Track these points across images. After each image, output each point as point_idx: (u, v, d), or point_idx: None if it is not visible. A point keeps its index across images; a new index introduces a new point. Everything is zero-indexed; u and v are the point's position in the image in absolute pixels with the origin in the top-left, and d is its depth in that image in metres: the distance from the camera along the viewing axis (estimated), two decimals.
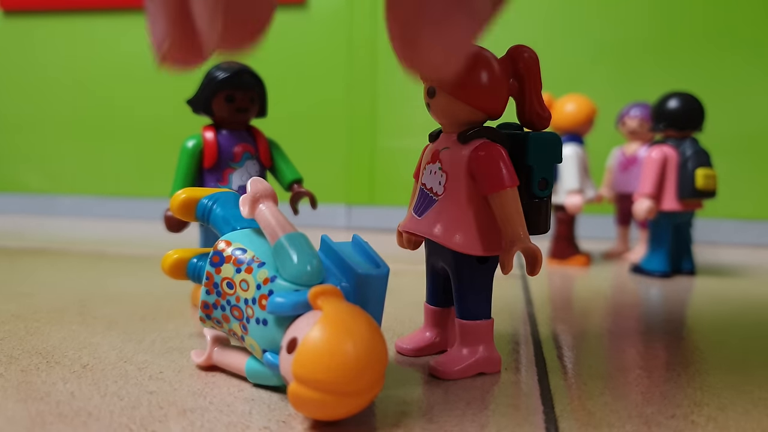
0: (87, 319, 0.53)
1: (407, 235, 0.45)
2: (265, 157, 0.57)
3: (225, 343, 0.41)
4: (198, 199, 0.41)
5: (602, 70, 1.14)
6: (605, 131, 1.04)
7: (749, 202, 1.11)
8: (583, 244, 1.01)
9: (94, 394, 0.36)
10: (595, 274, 0.80)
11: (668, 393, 0.38)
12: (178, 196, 0.41)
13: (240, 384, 0.38)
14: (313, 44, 1.24)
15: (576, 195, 0.80)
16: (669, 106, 0.76)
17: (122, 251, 0.90)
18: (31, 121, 1.37)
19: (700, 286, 0.73)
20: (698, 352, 0.47)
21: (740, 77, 1.09)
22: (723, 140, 1.07)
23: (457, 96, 0.38)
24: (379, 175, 1.24)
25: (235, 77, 0.55)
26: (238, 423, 0.33)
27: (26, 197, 1.39)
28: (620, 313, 0.59)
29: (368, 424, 0.33)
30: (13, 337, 0.47)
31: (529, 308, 0.60)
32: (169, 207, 0.45)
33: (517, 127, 0.42)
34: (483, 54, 0.39)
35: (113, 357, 0.43)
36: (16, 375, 0.39)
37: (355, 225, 1.25)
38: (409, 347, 0.45)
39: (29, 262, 0.81)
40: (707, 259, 0.93)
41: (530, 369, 0.42)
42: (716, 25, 1.09)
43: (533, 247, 0.38)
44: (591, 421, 0.34)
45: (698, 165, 0.74)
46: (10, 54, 1.36)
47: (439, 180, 0.40)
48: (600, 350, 0.47)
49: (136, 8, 1.29)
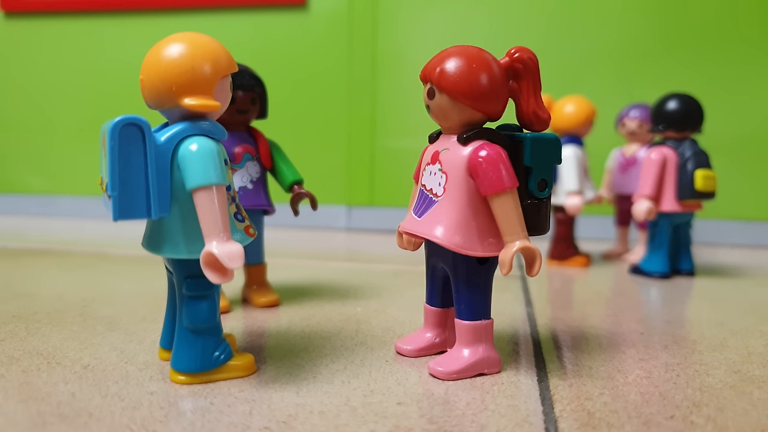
0: (88, 319, 0.53)
1: (407, 236, 0.45)
2: (265, 159, 0.57)
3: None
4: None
5: (601, 71, 1.14)
6: (605, 132, 1.04)
7: (748, 203, 1.11)
8: (582, 245, 1.01)
9: (95, 395, 0.36)
10: (594, 274, 0.80)
11: (667, 393, 0.38)
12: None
13: (240, 384, 0.39)
14: (313, 45, 1.24)
15: (575, 196, 0.81)
16: (668, 107, 0.76)
17: (123, 252, 0.90)
18: (32, 122, 1.37)
19: (700, 286, 0.73)
20: (698, 353, 0.47)
21: (740, 78, 1.09)
22: (722, 141, 1.07)
23: (457, 98, 0.38)
24: (379, 176, 1.24)
25: (235, 78, 0.55)
26: (238, 423, 0.33)
27: (27, 198, 1.39)
28: (620, 314, 0.59)
29: (368, 424, 0.33)
30: (14, 338, 0.47)
31: (528, 309, 0.60)
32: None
33: (516, 128, 0.42)
34: (482, 56, 0.39)
35: (114, 357, 0.43)
36: (17, 376, 0.39)
37: (355, 226, 1.25)
38: (409, 348, 0.45)
39: (30, 262, 0.81)
40: (706, 260, 0.93)
41: (530, 369, 0.42)
42: (716, 25, 1.09)
43: (533, 248, 0.38)
44: (590, 421, 0.34)
45: (697, 166, 0.74)
46: (10, 55, 1.36)
47: (439, 181, 0.40)
48: (599, 351, 0.47)
49: (138, 10, 1.29)
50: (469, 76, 0.38)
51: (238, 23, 1.26)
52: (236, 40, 1.24)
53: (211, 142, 0.36)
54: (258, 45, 1.25)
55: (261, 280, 0.61)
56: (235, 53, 0.42)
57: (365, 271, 0.78)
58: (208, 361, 0.39)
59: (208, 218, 0.35)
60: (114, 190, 0.34)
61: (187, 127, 0.37)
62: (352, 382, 0.39)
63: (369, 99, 1.23)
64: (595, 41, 1.14)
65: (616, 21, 1.13)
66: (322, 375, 0.40)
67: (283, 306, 0.60)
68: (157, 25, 1.28)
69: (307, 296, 0.64)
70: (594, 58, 1.14)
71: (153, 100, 0.37)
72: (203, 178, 0.35)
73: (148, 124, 0.35)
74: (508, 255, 0.38)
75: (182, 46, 0.36)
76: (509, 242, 0.38)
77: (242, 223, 0.39)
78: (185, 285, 0.38)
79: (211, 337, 0.39)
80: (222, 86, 0.38)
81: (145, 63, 0.37)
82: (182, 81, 0.36)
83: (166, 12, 1.28)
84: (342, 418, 0.34)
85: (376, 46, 1.21)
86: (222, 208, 0.35)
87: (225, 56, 0.38)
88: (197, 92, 0.36)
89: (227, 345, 0.40)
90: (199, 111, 0.37)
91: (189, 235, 0.37)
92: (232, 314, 0.56)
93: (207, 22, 1.26)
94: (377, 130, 1.23)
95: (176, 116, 0.38)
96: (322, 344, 0.47)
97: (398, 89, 1.22)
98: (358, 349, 0.46)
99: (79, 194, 1.36)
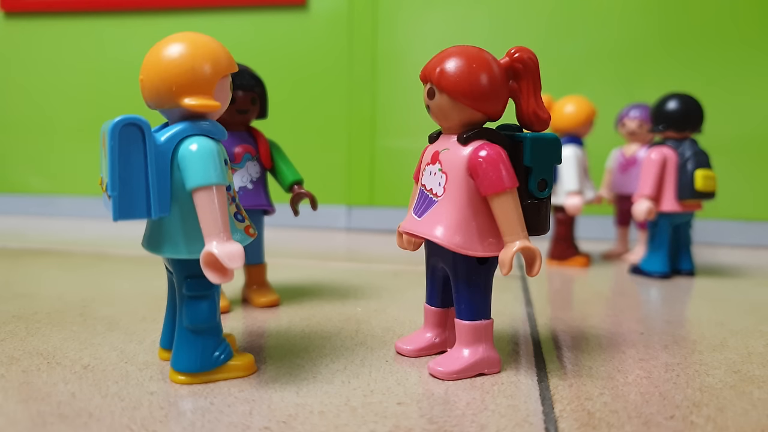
0: (88, 319, 0.53)
1: (407, 236, 0.45)
2: (265, 158, 0.57)
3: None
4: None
5: (601, 71, 1.14)
6: (605, 132, 1.04)
7: (748, 203, 1.11)
8: (582, 245, 1.01)
9: (95, 395, 0.36)
10: (594, 274, 0.80)
11: (667, 393, 0.38)
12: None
13: (240, 384, 0.39)
14: (313, 45, 1.24)
15: (575, 196, 0.81)
16: (668, 107, 0.76)
17: (123, 252, 0.90)
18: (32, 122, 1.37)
19: (700, 286, 0.73)
20: (698, 353, 0.47)
21: (740, 78, 1.09)
22: (722, 141, 1.07)
23: (457, 98, 0.38)
24: (379, 176, 1.24)
25: (235, 78, 0.55)
26: (238, 423, 0.33)
27: (27, 198, 1.39)
28: (620, 314, 0.59)
29: (368, 424, 0.33)
30: (14, 338, 0.47)
31: (528, 309, 0.60)
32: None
33: (516, 128, 0.42)
34: (482, 56, 0.39)
35: (114, 357, 0.43)
36: (17, 376, 0.39)
37: (355, 226, 1.25)
38: (409, 348, 0.45)
39: (30, 262, 0.81)
40: (706, 260, 0.93)
41: (530, 369, 0.42)
42: (716, 25, 1.09)
43: (533, 248, 0.38)
44: (590, 421, 0.34)
45: (697, 166, 0.74)
46: (10, 55, 1.36)
47: (439, 181, 0.40)
48: (599, 351, 0.47)
49: (138, 10, 1.29)
50: (469, 76, 0.38)
51: (238, 23, 1.26)
52: (236, 40, 1.24)
53: (211, 142, 0.36)
54: (258, 45, 1.25)
55: (261, 280, 0.61)
56: (235, 53, 0.42)
57: (365, 271, 0.78)
58: (208, 361, 0.39)
59: (208, 218, 0.35)
60: (114, 190, 0.34)
61: (187, 127, 0.37)
62: (352, 382, 0.39)
63: (369, 99, 1.23)
64: (595, 41, 1.14)
65: (616, 21, 1.13)
66: (322, 375, 0.40)
67: (283, 306, 0.60)
68: (157, 25, 1.29)
69: (307, 296, 0.64)
70: (594, 58, 1.14)
71: (153, 100, 0.37)
72: (203, 178, 0.35)
73: (148, 124, 0.35)
74: (508, 255, 0.38)
75: (182, 46, 0.36)
76: (509, 242, 0.38)
77: (242, 223, 0.39)
78: (185, 285, 0.38)
79: (211, 337, 0.39)
80: (222, 86, 0.38)
81: (145, 63, 0.37)
82: (182, 81, 0.36)
83: (166, 12, 1.28)
84: (342, 418, 0.34)
85: (376, 46, 1.21)
86: (222, 208, 0.35)
87: (225, 56, 0.38)
88: (197, 92, 0.36)
89: (227, 345, 0.40)
90: (199, 111, 0.37)
91: (189, 235, 0.37)
92: (232, 314, 0.56)
93: (207, 22, 1.26)
94: (377, 130, 1.23)
95: (176, 116, 0.38)
96: (322, 344, 0.47)
97: (398, 89, 1.22)
98: (358, 349, 0.46)
99: (79, 194, 1.36)
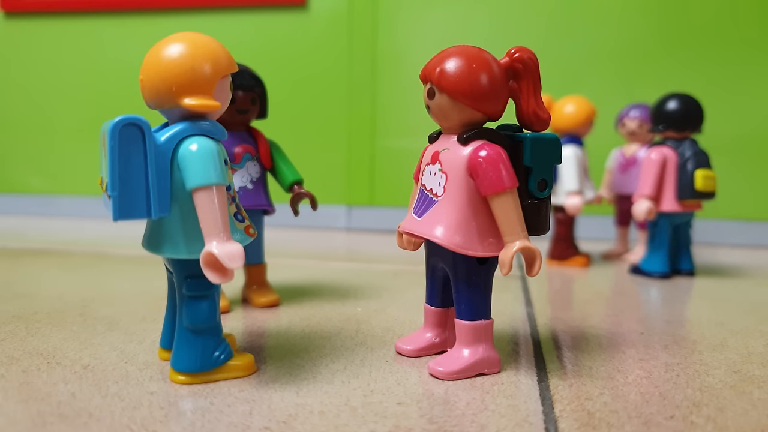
0: (88, 319, 0.53)
1: (407, 236, 0.45)
2: (265, 159, 0.57)
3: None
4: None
5: (601, 71, 1.14)
6: (605, 132, 1.04)
7: (748, 203, 1.11)
8: (582, 245, 1.01)
9: (95, 395, 0.36)
10: (594, 274, 0.80)
11: (667, 393, 0.38)
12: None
13: (240, 384, 0.39)
14: (313, 45, 1.24)
15: (575, 196, 0.81)
16: (668, 107, 0.76)
17: (123, 252, 0.90)
18: (32, 122, 1.37)
19: (700, 286, 0.73)
20: (698, 353, 0.47)
21: (740, 78, 1.09)
22: (722, 141, 1.07)
23: (457, 98, 0.38)
24: (379, 176, 1.24)
25: (235, 78, 0.55)
26: (238, 423, 0.33)
27: (27, 198, 1.39)
28: (620, 314, 0.59)
29: (368, 424, 0.33)
30: (14, 338, 0.47)
31: (528, 309, 0.60)
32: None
33: (516, 128, 0.42)
34: (482, 56, 0.39)
35: (114, 358, 0.43)
36: (17, 376, 0.39)
37: (355, 226, 1.25)
38: (409, 348, 0.45)
39: (30, 262, 0.81)
40: (706, 260, 0.93)
41: (530, 369, 0.42)
42: (716, 25, 1.09)
43: (533, 248, 0.38)
44: (590, 421, 0.34)
45: (697, 166, 0.74)
46: (10, 55, 1.36)
47: (439, 181, 0.40)
48: (599, 351, 0.47)
49: (138, 10, 1.29)
50: (469, 76, 0.38)
51: (238, 23, 1.26)
52: (236, 40, 1.24)
53: (211, 142, 0.36)
54: (258, 45, 1.25)
55: (261, 280, 0.61)
56: (235, 53, 0.42)
57: (365, 271, 0.78)
58: (208, 361, 0.39)
59: (208, 218, 0.35)
60: (114, 190, 0.34)
61: (187, 127, 0.37)
62: (352, 382, 0.39)
63: (369, 99, 1.23)
64: (595, 41, 1.14)
65: (616, 21, 1.13)
66: (322, 375, 0.41)
67: (283, 306, 0.60)
68: (157, 25, 1.28)
69: (307, 296, 0.64)
70: (594, 58, 1.14)
71: (153, 100, 0.37)
72: (203, 178, 0.35)
73: (148, 124, 0.35)
74: (508, 255, 0.38)
75: (182, 46, 0.36)
76: (509, 242, 0.38)
77: (242, 223, 0.39)
78: (185, 285, 0.38)
79: (211, 337, 0.39)
80: (222, 86, 0.38)
81: (145, 63, 0.37)
82: (182, 81, 0.36)
83: (166, 12, 1.28)
84: (342, 418, 0.34)
85: (376, 46, 1.21)
86: (222, 208, 0.35)
87: (225, 56, 0.38)
88: (197, 92, 0.36)
89: (227, 345, 0.40)
90: (199, 111, 0.37)
91: (189, 235, 0.37)
92: (232, 314, 0.56)
93: (207, 22, 1.26)
94: (377, 130, 1.23)
95: (176, 116, 0.38)
96: (322, 344, 0.47)
97: (398, 89, 1.22)
98: (358, 349, 0.46)
99: (79, 194, 1.36)
